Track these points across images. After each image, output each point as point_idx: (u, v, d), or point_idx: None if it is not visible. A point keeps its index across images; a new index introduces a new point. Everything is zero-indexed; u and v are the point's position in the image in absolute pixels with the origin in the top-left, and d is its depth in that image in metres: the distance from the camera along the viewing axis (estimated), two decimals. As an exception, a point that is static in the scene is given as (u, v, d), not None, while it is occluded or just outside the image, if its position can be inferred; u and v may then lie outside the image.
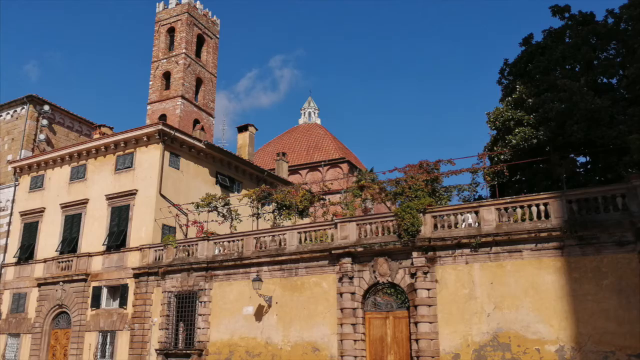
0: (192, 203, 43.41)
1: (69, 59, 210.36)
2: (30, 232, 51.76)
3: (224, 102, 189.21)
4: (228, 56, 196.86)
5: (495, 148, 38.89)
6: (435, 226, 31.21)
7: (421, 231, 31.08)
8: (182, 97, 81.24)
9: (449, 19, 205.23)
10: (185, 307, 39.71)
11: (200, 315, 38.40)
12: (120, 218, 45.65)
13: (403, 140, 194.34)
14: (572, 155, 37.44)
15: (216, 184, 49.65)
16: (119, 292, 44.11)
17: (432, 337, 29.74)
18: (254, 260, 36.88)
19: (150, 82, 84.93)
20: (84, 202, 48.51)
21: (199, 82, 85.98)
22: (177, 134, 46.25)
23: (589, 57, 38.53)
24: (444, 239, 30.37)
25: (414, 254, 31.00)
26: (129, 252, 44.26)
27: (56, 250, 48.90)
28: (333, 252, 33.59)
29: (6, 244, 53.19)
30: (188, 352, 38.08)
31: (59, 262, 47.87)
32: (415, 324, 30.28)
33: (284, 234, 36.75)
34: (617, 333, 25.97)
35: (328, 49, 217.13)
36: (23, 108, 56.93)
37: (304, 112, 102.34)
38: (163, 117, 79.00)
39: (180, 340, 39.44)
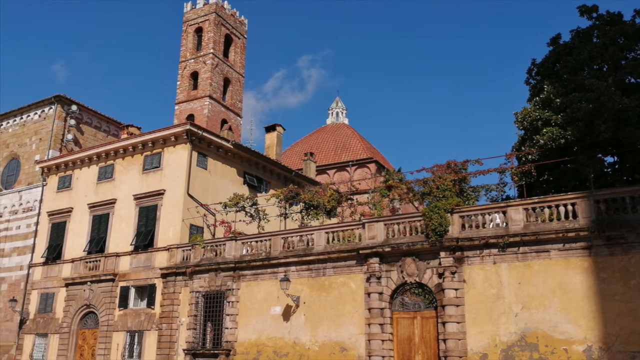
0: (220, 203, 44.51)
1: (97, 59, 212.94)
2: (58, 232, 53.22)
3: (252, 102, 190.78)
4: (256, 56, 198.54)
5: (523, 148, 39.45)
6: (463, 226, 32.09)
7: (449, 231, 31.97)
8: (210, 97, 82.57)
9: (477, 19, 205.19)
10: (212, 307, 40.78)
11: (228, 315, 39.46)
12: (148, 218, 46.88)
13: (431, 140, 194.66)
14: (600, 155, 37.92)
15: (244, 184, 50.78)
16: (146, 292, 45.34)
17: (460, 337, 30.58)
18: (282, 260, 37.90)
19: (178, 82, 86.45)
20: (111, 202, 49.85)
21: (226, 82, 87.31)
22: (204, 134, 47.42)
23: (617, 57, 38.91)
24: (471, 239, 31.20)
25: (442, 254, 31.88)
26: (156, 252, 45.49)
27: (84, 250, 50.27)
28: (361, 252, 34.53)
29: (34, 244, 54.71)
30: (216, 352, 39.14)
31: (87, 262, 49.18)
32: (443, 324, 31.14)
33: (311, 234, 37.74)
34: (644, 333, 26.60)
35: (355, 49, 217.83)
36: (51, 108, 58.53)
37: (332, 112, 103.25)
38: (191, 117, 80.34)
39: (208, 340, 40.54)
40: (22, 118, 61.18)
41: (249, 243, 40.40)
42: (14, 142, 61.22)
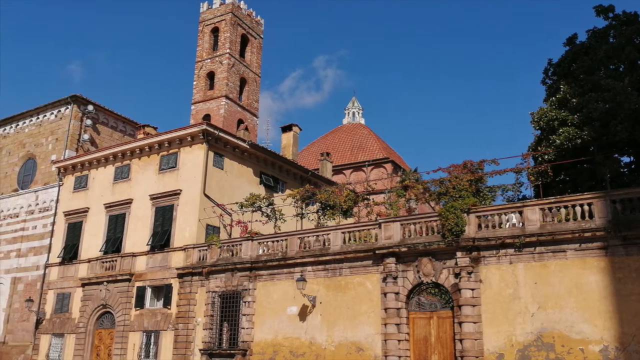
0: (236, 203, 45.05)
1: (113, 58, 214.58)
2: (74, 232, 53.98)
3: (268, 102, 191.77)
4: (272, 56, 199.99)
5: (539, 148, 39.76)
6: (480, 226, 32.54)
7: (465, 231, 32.40)
8: (226, 97, 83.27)
9: (493, 19, 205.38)
10: (229, 307, 41.35)
11: (244, 315, 39.99)
12: (164, 218, 47.51)
13: (447, 140, 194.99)
14: (616, 155, 38.29)
15: (260, 184, 51.34)
16: (163, 292, 45.96)
17: (476, 337, 31.01)
18: (298, 260, 38.42)
19: (194, 82, 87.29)
20: (127, 202, 50.53)
21: (243, 82, 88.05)
22: (221, 134, 48.03)
23: (633, 57, 39.17)
24: (488, 239, 31.63)
25: (458, 254, 32.32)
26: (173, 252, 46.09)
27: (100, 250, 50.95)
28: (377, 252, 35.02)
29: (50, 244, 55.50)
30: (232, 352, 39.71)
31: (103, 262, 49.86)
32: (460, 324, 31.57)
33: (328, 234, 38.25)
34: (661, 333, 26.98)
35: (372, 49, 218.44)
36: (67, 108, 59.33)
37: (348, 112, 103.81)
38: (207, 117, 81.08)
39: (224, 340, 41.12)
40: (38, 118, 62.04)
41: (265, 243, 40.93)
42: (30, 142, 62.05)
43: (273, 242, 40.61)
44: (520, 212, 31.59)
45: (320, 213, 42.73)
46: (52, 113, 60.72)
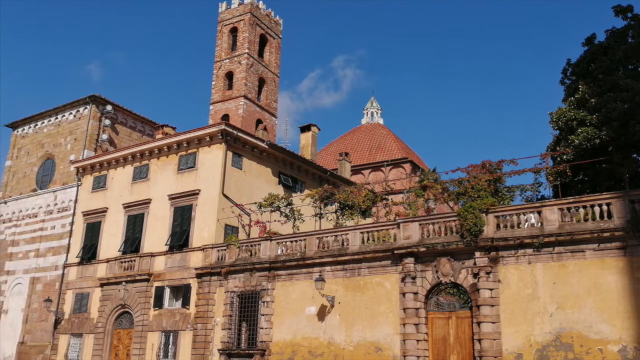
0: (255, 203, 45.65)
1: (132, 58, 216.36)
2: (92, 232, 54.81)
3: (287, 102, 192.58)
4: (291, 56, 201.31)
5: (557, 148, 40.08)
6: (498, 226, 32.95)
7: (484, 231, 32.84)
8: (245, 97, 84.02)
9: (512, 19, 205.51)
10: (247, 307, 41.95)
11: (263, 315, 40.53)
12: (182, 218, 48.18)
13: (465, 140, 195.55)
14: (635, 155, 38.54)
15: (279, 184, 51.93)
16: (181, 292, 46.60)
17: (495, 337, 31.43)
18: (317, 260, 38.95)
19: (213, 82, 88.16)
20: (146, 202, 51.28)
21: (261, 82, 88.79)
22: (239, 134, 48.66)
23: (652, 57, 39.50)
24: (506, 239, 32.05)
25: (477, 254, 32.76)
26: (191, 252, 46.72)
27: (119, 250, 51.72)
28: (395, 252, 35.50)
29: (69, 244, 56.37)
30: (251, 352, 40.30)
31: (122, 262, 50.59)
32: (478, 324, 32.02)
33: (346, 234, 38.73)
34: (679, 333, 27.35)
35: (390, 49, 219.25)
36: (86, 108, 60.24)
37: (367, 112, 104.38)
38: (226, 117, 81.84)
39: (243, 340, 41.75)
40: (57, 118, 62.98)
41: (284, 243, 41.43)
42: (48, 142, 62.96)
43: (292, 242, 41.08)
44: (539, 212, 31.96)
45: (339, 213, 43.24)
46: (71, 113, 61.63)
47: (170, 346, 45.74)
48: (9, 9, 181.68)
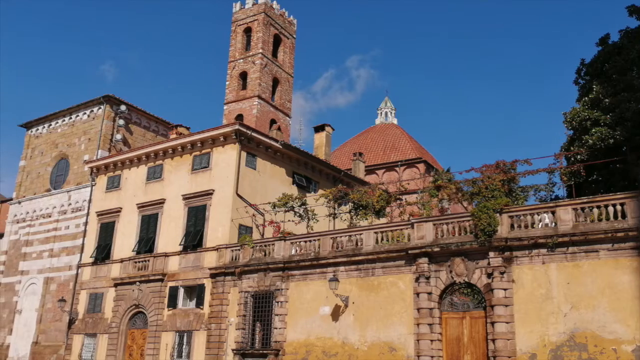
0: (269, 203, 46.01)
1: (146, 58, 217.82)
2: (106, 232, 55.36)
3: (301, 102, 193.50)
4: (305, 56, 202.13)
5: (572, 148, 40.31)
6: (512, 226, 33.26)
7: (498, 231, 33.16)
8: (259, 97, 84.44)
9: (525, 19, 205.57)
10: (261, 307, 42.35)
11: (277, 315, 40.94)
12: (196, 218, 48.63)
13: (479, 140, 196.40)
14: (649, 154, 38.60)
15: (293, 184, 52.32)
16: (195, 292, 47.07)
17: (509, 337, 31.71)
18: (331, 260, 39.30)
19: (227, 82, 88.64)
20: (160, 202, 51.78)
21: (275, 82, 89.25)
22: (253, 134, 49.09)
23: (666, 57, 39.61)
24: (520, 239, 32.35)
25: (491, 253, 33.04)
26: (205, 252, 47.16)
27: (133, 250, 52.24)
28: (410, 252, 35.84)
29: (83, 244, 57.01)
30: (265, 352, 40.68)
31: (136, 262, 51.14)
32: (492, 324, 32.30)
33: (360, 234, 39.10)
34: (694, 333, 27.63)
35: (404, 49, 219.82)
36: (100, 108, 60.82)
37: (381, 112, 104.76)
38: (240, 117, 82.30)
39: (257, 340, 42.11)
40: (70, 118, 63.66)
41: (297, 243, 41.81)
42: (62, 142, 63.62)
43: (305, 242, 41.47)
44: (553, 212, 32.24)
45: (353, 213, 43.49)
46: (85, 113, 62.24)
47: (184, 346, 46.14)
48: (24, 10, 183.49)
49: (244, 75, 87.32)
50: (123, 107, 60.93)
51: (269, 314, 41.70)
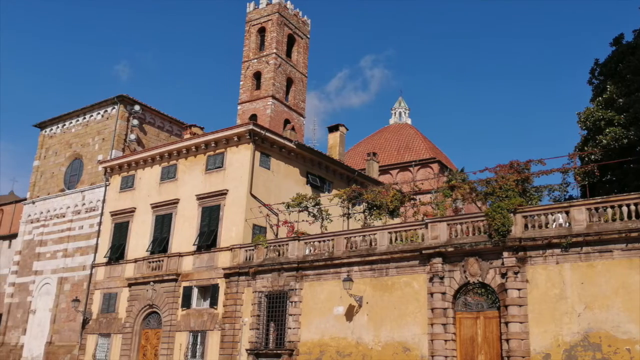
0: (283, 203, 46.41)
1: (160, 58, 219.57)
2: (120, 232, 55.93)
3: (315, 102, 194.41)
4: (319, 56, 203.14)
5: (585, 148, 40.54)
6: (526, 226, 33.54)
7: (512, 231, 33.45)
8: (273, 97, 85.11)
9: (539, 19, 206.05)
10: (275, 307, 42.79)
11: (291, 315, 41.34)
12: (210, 218, 49.13)
13: (493, 140, 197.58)
14: (663, 155, 38.79)
15: (307, 184, 52.74)
16: (209, 292, 47.52)
17: (523, 337, 32.01)
18: (345, 260, 39.65)
19: (241, 82, 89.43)
20: (174, 202, 52.29)
21: (289, 82, 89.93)
22: (267, 134, 49.51)
23: (680, 56, 39.79)
24: (534, 239, 32.63)
25: (505, 253, 33.33)
26: (219, 252, 47.62)
27: (147, 250, 52.79)
28: (424, 252, 36.19)
29: (97, 244, 57.63)
30: (279, 352, 41.12)
31: (150, 262, 51.67)
32: (506, 323, 32.61)
33: (374, 234, 39.46)
34: None
35: (418, 49, 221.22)
36: (114, 108, 61.46)
37: (395, 112, 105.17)
38: (253, 117, 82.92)
39: (271, 340, 42.55)
40: (85, 118, 64.34)
41: (311, 243, 42.18)
42: (76, 142, 64.29)
43: (320, 242, 41.83)
44: (567, 212, 32.50)
45: (367, 213, 43.91)
46: (99, 113, 62.93)
47: (198, 346, 46.58)
48: (38, 10, 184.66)
49: (258, 75, 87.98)
50: (137, 107, 61.51)
51: (283, 314, 42.09)
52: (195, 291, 48.26)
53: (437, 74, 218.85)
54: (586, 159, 39.82)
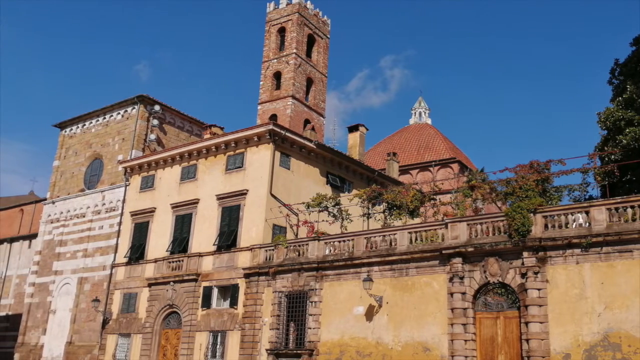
0: (303, 203, 47.03)
1: (180, 58, 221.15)
2: (140, 232, 56.75)
3: (335, 102, 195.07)
4: (339, 56, 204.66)
5: (605, 148, 40.85)
6: (546, 226, 33.94)
7: (532, 231, 33.87)
8: (293, 97, 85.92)
9: (559, 19, 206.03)
10: (295, 307, 43.33)
11: (311, 315, 41.89)
12: (230, 218, 49.81)
13: (513, 140, 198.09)
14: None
15: (327, 184, 53.29)
16: (229, 292, 48.18)
17: (543, 337, 32.45)
18: (365, 260, 40.19)
19: (261, 82, 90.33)
20: (194, 202, 52.99)
21: (309, 82, 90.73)
22: (287, 134, 50.18)
23: (700, 56, 40.02)
24: (554, 239, 33.04)
25: (525, 253, 33.76)
26: (239, 252, 48.24)
27: (167, 250, 53.50)
28: (443, 252, 36.67)
29: (117, 244, 58.45)
30: (299, 352, 41.68)
31: (170, 262, 52.35)
32: (526, 324, 33.05)
33: (394, 234, 39.95)
34: None
35: (438, 49, 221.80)
36: (134, 108, 62.32)
37: (415, 112, 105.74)
38: (273, 117, 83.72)
39: (291, 340, 43.13)
40: (104, 118, 65.22)
41: (331, 243, 42.66)
42: (96, 142, 65.14)
43: (339, 242, 42.29)
44: (587, 212, 32.83)
45: (387, 213, 44.34)
46: (119, 113, 63.78)
47: (218, 346, 47.20)
48: (59, 10, 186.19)
49: (277, 75, 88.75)
50: (157, 107, 62.32)
51: (302, 314, 42.60)
52: (215, 291, 48.85)
53: (457, 74, 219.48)
54: (606, 159, 40.13)
